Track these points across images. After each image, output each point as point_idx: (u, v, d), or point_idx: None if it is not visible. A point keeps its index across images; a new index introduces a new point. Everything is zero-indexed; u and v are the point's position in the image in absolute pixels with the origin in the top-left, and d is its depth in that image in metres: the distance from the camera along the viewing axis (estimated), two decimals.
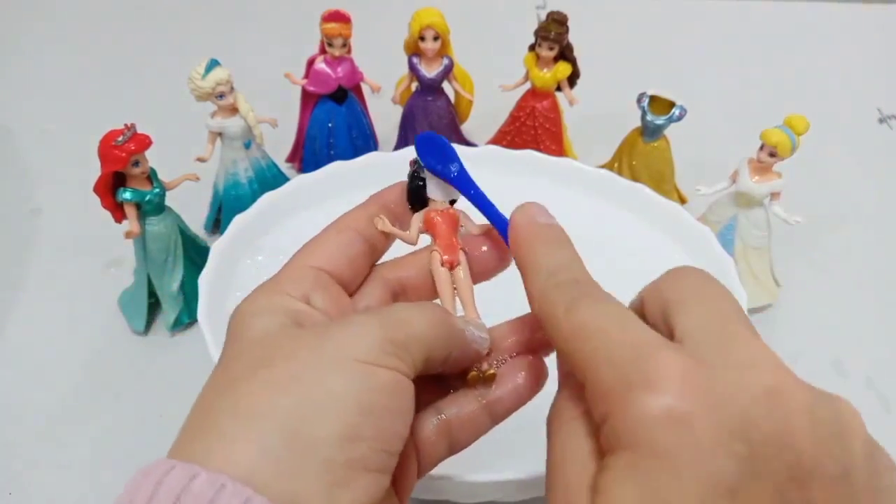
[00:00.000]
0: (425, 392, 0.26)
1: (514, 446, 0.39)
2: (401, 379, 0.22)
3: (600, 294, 0.21)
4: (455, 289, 0.27)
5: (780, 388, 0.18)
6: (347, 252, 0.26)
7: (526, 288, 0.23)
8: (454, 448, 0.27)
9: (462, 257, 0.27)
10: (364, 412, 0.20)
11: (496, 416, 0.27)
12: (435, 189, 0.27)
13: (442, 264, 0.27)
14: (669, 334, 0.20)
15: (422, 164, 0.27)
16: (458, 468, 0.35)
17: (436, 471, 0.34)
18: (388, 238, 0.28)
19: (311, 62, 0.57)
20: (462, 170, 0.27)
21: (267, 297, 0.24)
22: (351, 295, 0.26)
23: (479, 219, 0.28)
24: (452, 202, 0.28)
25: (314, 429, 0.19)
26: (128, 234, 0.44)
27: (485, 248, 0.28)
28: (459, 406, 0.26)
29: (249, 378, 0.21)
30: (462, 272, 0.27)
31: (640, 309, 0.23)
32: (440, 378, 0.27)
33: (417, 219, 0.28)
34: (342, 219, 0.27)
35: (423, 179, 0.27)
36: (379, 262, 0.28)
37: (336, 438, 0.20)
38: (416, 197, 0.28)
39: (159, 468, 0.18)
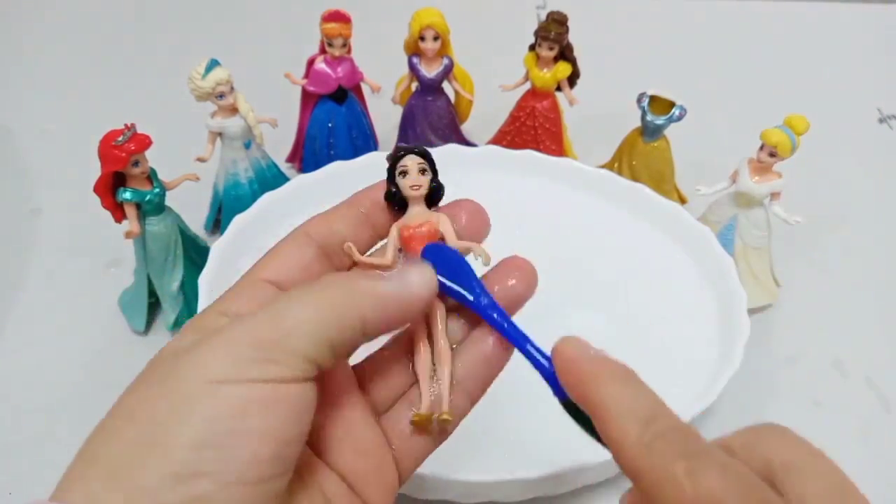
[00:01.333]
0: (389, 382, 0.25)
1: (514, 447, 0.39)
2: (274, 389, 0.20)
3: (717, 453, 0.19)
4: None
5: None
6: (300, 261, 0.25)
7: (610, 434, 0.20)
8: (440, 437, 0.26)
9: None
10: (199, 445, 0.18)
11: (473, 394, 0.26)
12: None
13: None
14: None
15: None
16: (458, 468, 0.35)
17: (436, 471, 0.34)
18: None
19: (311, 62, 0.57)
20: (486, 294, 0.24)
21: (197, 319, 0.23)
22: None
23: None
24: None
25: (138, 472, 0.18)
26: (128, 234, 0.44)
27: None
28: (432, 392, 0.25)
29: (105, 417, 0.20)
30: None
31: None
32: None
33: (393, 237, 0.26)
34: (301, 226, 0.26)
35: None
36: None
37: (163, 479, 0.18)
38: (396, 198, 0.26)
39: None
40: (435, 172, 0.26)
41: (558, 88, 0.58)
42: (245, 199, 0.52)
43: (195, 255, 0.49)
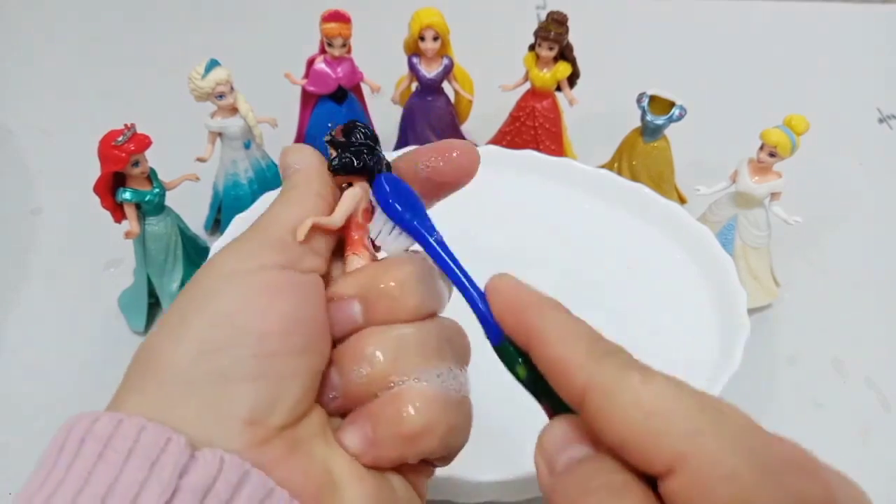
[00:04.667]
0: None
1: (514, 447, 0.39)
2: (277, 274, 0.22)
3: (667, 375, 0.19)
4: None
5: None
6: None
7: (554, 355, 0.20)
8: None
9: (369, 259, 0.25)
10: (214, 325, 0.21)
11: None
12: (389, 240, 0.25)
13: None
14: None
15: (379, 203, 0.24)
16: (459, 468, 0.35)
17: (437, 471, 0.34)
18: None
19: (311, 62, 0.57)
20: (433, 228, 0.24)
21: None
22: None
23: None
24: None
25: (166, 358, 0.21)
26: (127, 234, 0.44)
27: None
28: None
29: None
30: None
31: None
32: None
33: (352, 200, 0.25)
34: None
35: (355, 152, 0.25)
36: None
37: (187, 357, 0.21)
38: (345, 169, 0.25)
39: (85, 418, 0.20)
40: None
41: (558, 88, 0.58)
42: (245, 199, 0.52)
43: (195, 255, 0.49)
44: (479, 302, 0.23)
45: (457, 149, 0.26)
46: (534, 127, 0.59)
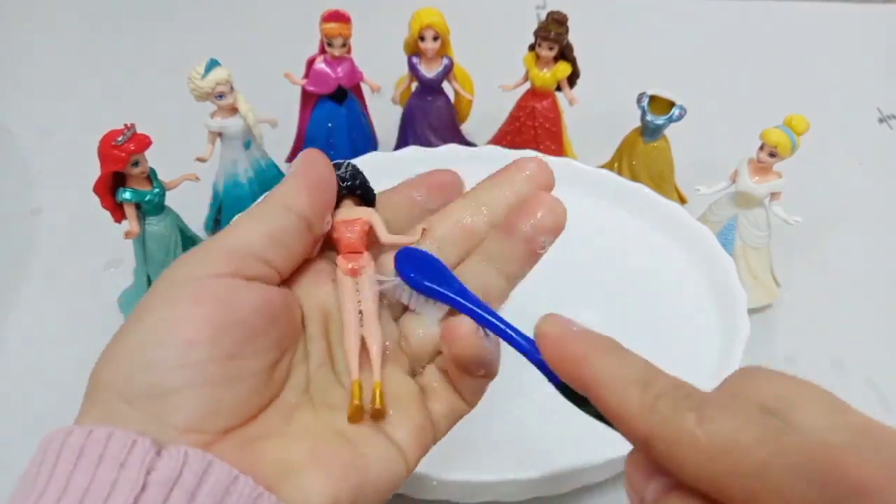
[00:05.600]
0: None
1: (514, 447, 0.39)
2: (217, 282, 0.23)
3: (720, 398, 0.19)
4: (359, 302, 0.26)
5: None
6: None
7: (610, 406, 0.20)
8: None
9: (369, 262, 0.27)
10: (147, 341, 0.22)
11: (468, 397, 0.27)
12: (423, 306, 0.26)
13: (346, 272, 0.26)
14: None
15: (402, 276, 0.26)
16: (458, 468, 0.35)
17: (435, 471, 0.34)
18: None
19: (311, 62, 0.57)
20: (463, 287, 0.25)
21: None
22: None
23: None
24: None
25: (106, 370, 0.22)
26: (127, 234, 0.44)
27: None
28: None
29: None
30: (367, 280, 0.26)
31: None
32: None
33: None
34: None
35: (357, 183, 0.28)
36: None
37: (122, 373, 0.22)
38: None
39: (61, 431, 0.21)
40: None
41: (558, 88, 0.58)
42: (245, 199, 0.52)
43: None
44: (531, 353, 0.23)
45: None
46: (534, 127, 0.59)
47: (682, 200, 0.58)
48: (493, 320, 0.24)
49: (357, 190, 0.28)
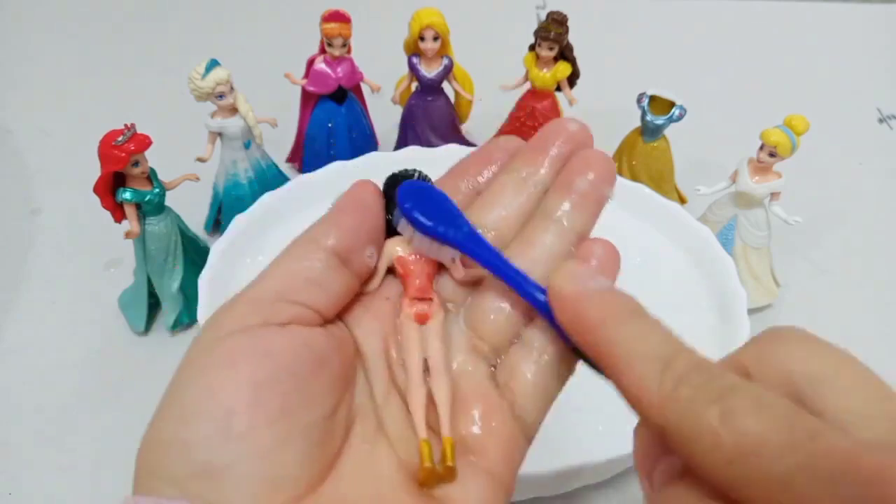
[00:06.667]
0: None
1: None
2: (254, 334, 0.20)
3: (747, 388, 0.17)
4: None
5: None
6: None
7: (625, 387, 0.18)
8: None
9: (439, 310, 0.23)
10: (185, 417, 0.19)
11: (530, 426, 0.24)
12: (425, 246, 0.23)
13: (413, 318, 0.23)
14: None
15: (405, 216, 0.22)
16: None
17: None
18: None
19: (311, 62, 0.57)
20: (472, 230, 0.22)
21: None
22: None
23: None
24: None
25: (152, 454, 0.20)
26: (127, 234, 0.44)
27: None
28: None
29: None
30: (436, 328, 0.23)
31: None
32: None
33: (387, 258, 0.23)
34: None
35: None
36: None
37: (171, 463, 0.19)
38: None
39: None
40: None
41: (558, 88, 0.58)
42: (245, 199, 0.52)
43: (195, 255, 0.49)
44: (545, 308, 0.21)
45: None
46: (534, 127, 0.59)
47: (682, 200, 0.58)
48: (506, 268, 0.22)
49: None
